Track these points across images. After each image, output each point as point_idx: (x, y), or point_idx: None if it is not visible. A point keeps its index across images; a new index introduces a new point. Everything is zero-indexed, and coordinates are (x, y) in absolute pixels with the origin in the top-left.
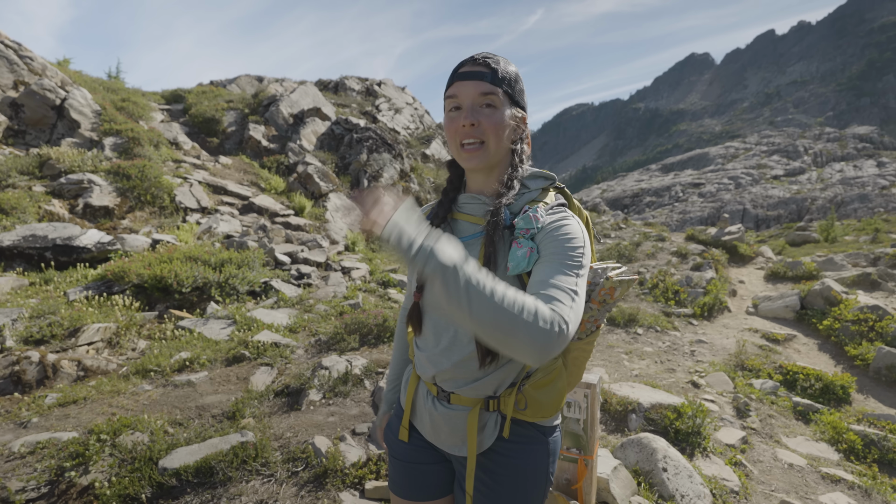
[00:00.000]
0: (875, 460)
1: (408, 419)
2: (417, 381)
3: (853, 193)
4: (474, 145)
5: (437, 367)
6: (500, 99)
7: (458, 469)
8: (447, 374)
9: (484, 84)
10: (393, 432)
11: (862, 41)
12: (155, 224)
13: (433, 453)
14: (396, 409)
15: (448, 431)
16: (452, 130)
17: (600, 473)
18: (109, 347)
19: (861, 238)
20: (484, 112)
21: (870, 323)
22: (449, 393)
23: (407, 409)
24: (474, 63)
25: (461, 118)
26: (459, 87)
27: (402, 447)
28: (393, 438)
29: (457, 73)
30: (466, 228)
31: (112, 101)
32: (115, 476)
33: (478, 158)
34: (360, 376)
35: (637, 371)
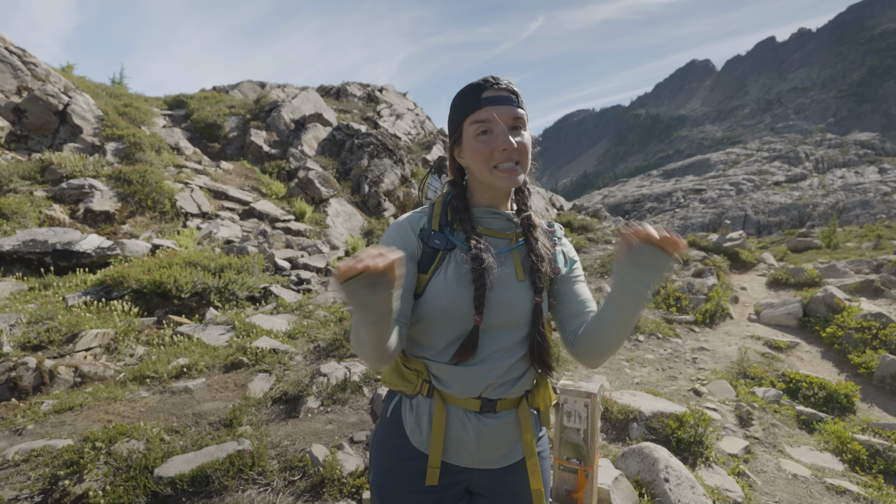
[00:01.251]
0: (881, 471)
1: (439, 458)
2: (445, 412)
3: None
4: (512, 166)
5: (490, 375)
6: (525, 122)
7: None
8: (500, 378)
9: (513, 108)
10: (405, 487)
11: (862, 48)
12: (155, 229)
13: (457, 486)
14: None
15: (497, 443)
16: (486, 154)
17: (601, 484)
18: (107, 353)
19: (863, 244)
20: (516, 134)
21: (873, 331)
22: (496, 401)
23: (437, 445)
24: (499, 88)
25: (499, 141)
26: (492, 111)
27: (418, 499)
28: (404, 493)
29: (483, 98)
30: (494, 243)
31: (114, 107)
32: (109, 485)
33: (517, 178)
34: (358, 383)
35: (638, 379)
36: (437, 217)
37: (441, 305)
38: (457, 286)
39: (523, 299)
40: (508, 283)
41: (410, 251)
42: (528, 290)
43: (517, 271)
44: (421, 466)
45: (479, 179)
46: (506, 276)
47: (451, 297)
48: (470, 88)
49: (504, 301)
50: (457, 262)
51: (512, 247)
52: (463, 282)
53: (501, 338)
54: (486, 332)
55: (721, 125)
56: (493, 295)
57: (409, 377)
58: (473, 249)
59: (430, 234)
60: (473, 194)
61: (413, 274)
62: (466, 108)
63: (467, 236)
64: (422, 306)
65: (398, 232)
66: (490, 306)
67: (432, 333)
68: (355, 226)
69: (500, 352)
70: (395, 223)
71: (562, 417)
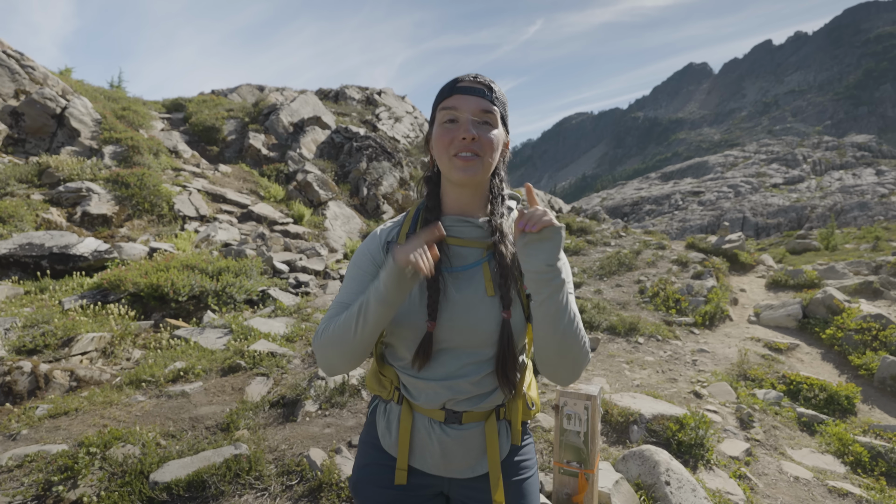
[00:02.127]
0: (882, 473)
1: (406, 461)
2: (412, 418)
3: (853, 201)
4: (469, 156)
5: (454, 390)
6: (496, 118)
7: (463, 492)
8: (465, 394)
9: (484, 101)
10: (374, 482)
11: (858, 51)
12: (153, 232)
13: (427, 489)
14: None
15: (462, 454)
16: (446, 141)
17: (602, 487)
18: (104, 357)
19: (862, 246)
20: (482, 128)
21: (873, 332)
22: (461, 413)
23: (404, 450)
24: (475, 81)
25: (459, 130)
26: (459, 100)
27: (389, 495)
28: (373, 488)
29: (456, 87)
30: (463, 253)
31: (112, 110)
32: (104, 490)
33: (473, 170)
34: (356, 387)
35: (638, 381)
36: (406, 229)
37: (404, 321)
38: (418, 303)
39: (491, 316)
40: (475, 300)
41: (381, 264)
42: (498, 304)
43: (486, 287)
44: (391, 466)
45: (441, 170)
46: (473, 292)
47: (414, 313)
48: (450, 80)
49: (468, 319)
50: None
51: (481, 260)
52: (424, 298)
53: (467, 356)
54: (451, 350)
55: (719, 128)
56: (457, 312)
57: (384, 383)
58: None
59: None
60: (445, 195)
61: None
62: (440, 97)
63: None
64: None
65: (369, 248)
66: (453, 325)
67: (398, 344)
68: (354, 228)
69: (466, 367)
70: (369, 237)
71: (562, 420)
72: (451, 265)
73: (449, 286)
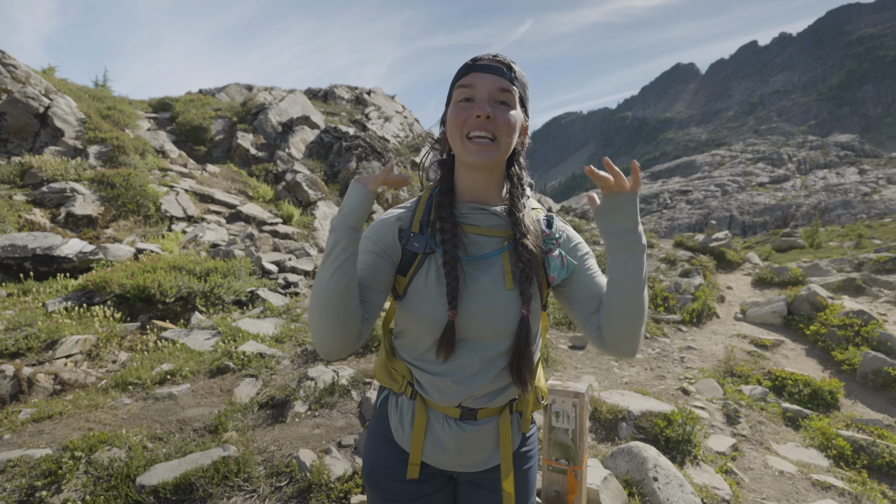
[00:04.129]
0: (864, 466)
1: (419, 457)
2: (426, 415)
3: (836, 200)
4: (485, 140)
5: (471, 387)
6: (514, 98)
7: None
8: (482, 391)
9: (502, 80)
10: (389, 476)
11: (841, 52)
12: (139, 233)
13: (437, 481)
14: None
15: (476, 449)
16: (460, 120)
17: (590, 484)
18: (89, 360)
19: (845, 244)
20: (499, 108)
21: (856, 328)
22: (477, 410)
23: (418, 447)
24: (494, 59)
25: (474, 109)
26: (476, 77)
27: (402, 487)
28: (388, 482)
29: (474, 65)
30: (480, 241)
31: (97, 110)
32: (89, 495)
33: (488, 154)
34: (346, 387)
35: (627, 378)
36: (420, 216)
37: (421, 312)
38: (436, 293)
39: (509, 309)
40: (494, 291)
41: (385, 250)
42: (517, 299)
43: (506, 279)
44: (404, 459)
45: (455, 152)
46: (491, 282)
47: (432, 304)
48: (471, 58)
49: (487, 310)
50: (437, 269)
51: (501, 248)
52: (442, 288)
53: (483, 348)
54: (468, 342)
55: (706, 127)
56: (475, 303)
57: (396, 377)
58: (446, 247)
59: (410, 237)
60: (459, 179)
61: (387, 273)
62: (458, 75)
63: (444, 238)
64: (403, 309)
65: (379, 229)
66: (468, 314)
67: (414, 337)
68: None
69: (483, 361)
70: (379, 220)
71: (550, 418)
72: (468, 253)
73: (467, 274)
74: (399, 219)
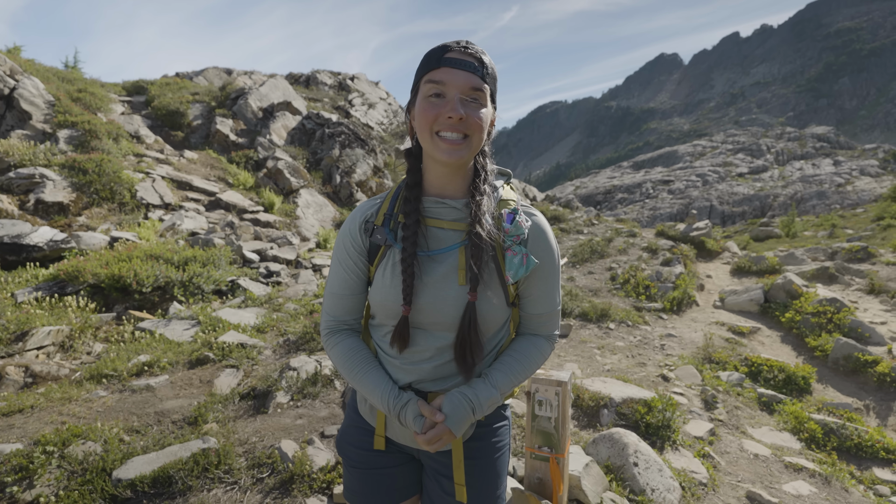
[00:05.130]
0: (834, 448)
1: (383, 429)
2: None
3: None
4: (457, 138)
5: (419, 372)
6: (486, 96)
7: (431, 464)
8: (429, 376)
9: (475, 78)
10: (352, 443)
11: (819, 45)
12: (114, 221)
13: (400, 455)
14: (354, 420)
15: None
16: (431, 117)
17: (572, 471)
18: (62, 351)
19: (819, 233)
20: (470, 106)
21: (828, 315)
22: (426, 393)
23: (381, 419)
24: (465, 52)
25: (446, 108)
26: (448, 73)
27: (364, 455)
28: (352, 448)
29: (444, 58)
30: (440, 236)
31: (67, 92)
32: (63, 490)
33: (459, 153)
34: (329, 377)
35: (609, 366)
36: (385, 208)
37: (377, 300)
38: (392, 284)
39: (458, 302)
40: (445, 285)
41: (358, 248)
42: (464, 292)
43: (459, 274)
44: (368, 429)
45: (423, 147)
46: (443, 277)
47: (385, 294)
48: (437, 47)
49: (436, 303)
50: (395, 261)
51: (459, 243)
52: (397, 279)
53: (434, 337)
54: (420, 330)
55: (688, 118)
56: (425, 296)
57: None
58: (406, 243)
59: (373, 229)
60: (427, 171)
61: (364, 268)
62: (426, 66)
63: (404, 235)
64: (370, 296)
65: (349, 229)
66: (419, 306)
67: (376, 322)
68: (327, 217)
69: (434, 350)
70: (350, 216)
71: (533, 406)
72: (429, 248)
73: (423, 269)
74: (366, 211)
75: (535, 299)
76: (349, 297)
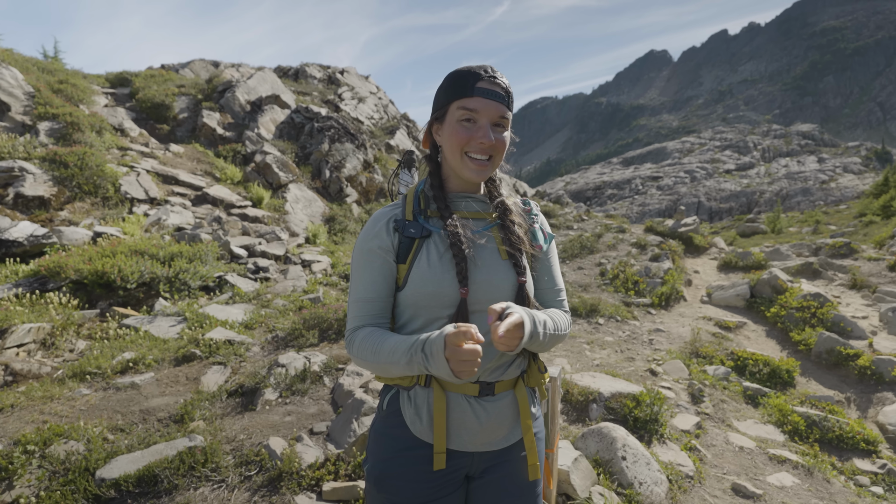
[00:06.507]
0: (817, 440)
1: (444, 444)
2: (445, 398)
3: (797, 187)
4: (484, 160)
5: (486, 359)
6: (509, 122)
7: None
8: (494, 363)
9: (503, 108)
10: (405, 476)
11: (805, 43)
12: (97, 216)
13: (454, 482)
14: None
15: (498, 425)
16: (463, 139)
17: (561, 465)
18: (43, 349)
19: (804, 229)
20: (497, 131)
21: (812, 310)
22: (493, 383)
23: (441, 433)
24: (494, 83)
25: (478, 133)
26: (481, 102)
27: (415, 490)
28: (402, 483)
29: (477, 88)
30: (471, 224)
31: (48, 83)
32: (44, 490)
33: (486, 173)
34: (318, 373)
35: (598, 361)
36: (411, 206)
37: (428, 291)
38: (441, 271)
39: (507, 279)
40: (492, 262)
41: (386, 248)
42: (511, 270)
43: (500, 250)
44: (423, 455)
45: (449, 162)
46: (488, 254)
47: (437, 282)
48: (467, 73)
49: (488, 280)
50: (436, 248)
51: (491, 224)
52: (446, 265)
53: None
54: (474, 315)
55: (677, 114)
56: (477, 275)
57: None
58: (450, 227)
59: (405, 224)
60: (447, 178)
61: (393, 269)
62: (458, 92)
63: (443, 216)
64: (407, 297)
65: (373, 232)
66: (475, 286)
67: (422, 322)
68: (316, 212)
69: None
70: (370, 221)
71: None
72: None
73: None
74: (389, 214)
75: (546, 275)
76: (377, 302)
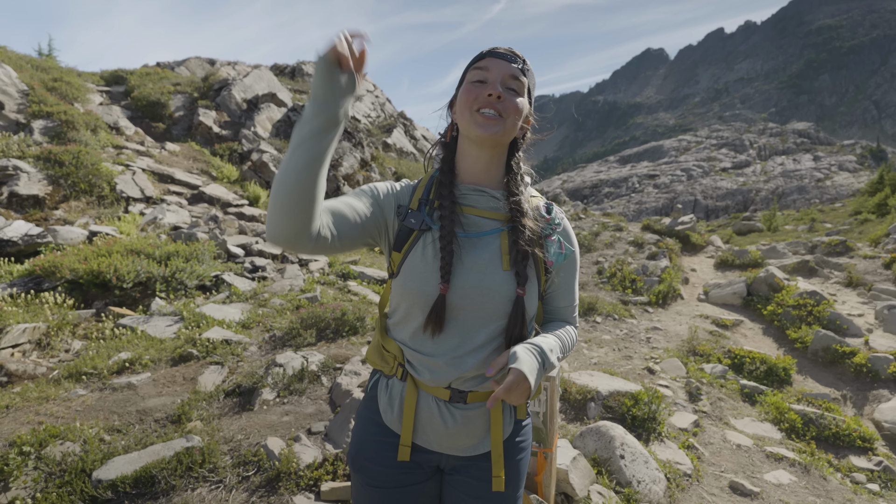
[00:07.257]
0: (813, 437)
1: (410, 438)
2: (416, 396)
3: (793, 185)
4: (493, 115)
5: (461, 367)
6: (524, 88)
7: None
8: (471, 373)
9: (515, 69)
10: (373, 458)
11: (801, 42)
12: (93, 215)
13: (423, 471)
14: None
15: (466, 433)
16: (471, 98)
17: (560, 464)
18: (38, 349)
19: (800, 227)
20: (509, 92)
21: (808, 308)
22: (466, 392)
23: (408, 427)
24: (509, 50)
25: (487, 88)
26: (491, 62)
27: (387, 473)
28: (374, 466)
29: (491, 51)
30: (478, 222)
31: (42, 81)
32: (40, 492)
33: (494, 128)
34: (316, 373)
35: (596, 359)
36: (419, 194)
37: (415, 287)
38: (431, 269)
39: (504, 289)
40: (489, 270)
41: (385, 207)
42: (511, 280)
43: (503, 260)
44: (392, 443)
45: (461, 128)
46: (487, 261)
47: (425, 278)
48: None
49: (481, 288)
50: (433, 245)
51: (500, 229)
52: (437, 258)
53: (475, 328)
54: (459, 321)
55: (674, 113)
56: (470, 280)
57: (387, 358)
58: (445, 228)
59: (407, 213)
60: (461, 160)
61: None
62: (473, 60)
63: (442, 214)
64: (397, 287)
65: (388, 186)
66: (465, 291)
67: (405, 313)
68: None
69: (474, 342)
70: (388, 182)
71: None
72: (465, 231)
73: (463, 250)
74: (403, 192)
75: (562, 291)
76: (345, 209)
